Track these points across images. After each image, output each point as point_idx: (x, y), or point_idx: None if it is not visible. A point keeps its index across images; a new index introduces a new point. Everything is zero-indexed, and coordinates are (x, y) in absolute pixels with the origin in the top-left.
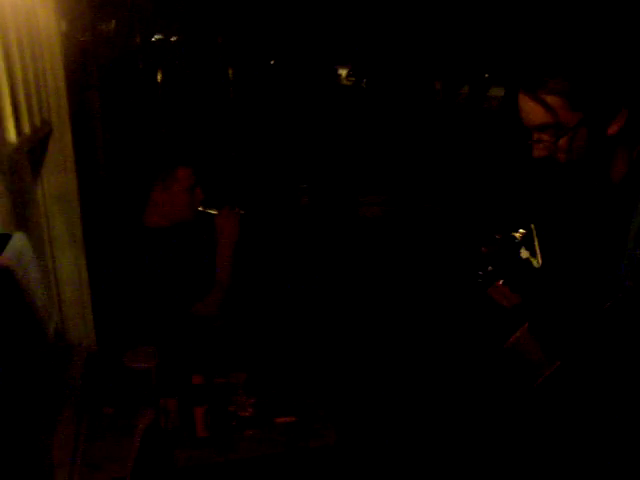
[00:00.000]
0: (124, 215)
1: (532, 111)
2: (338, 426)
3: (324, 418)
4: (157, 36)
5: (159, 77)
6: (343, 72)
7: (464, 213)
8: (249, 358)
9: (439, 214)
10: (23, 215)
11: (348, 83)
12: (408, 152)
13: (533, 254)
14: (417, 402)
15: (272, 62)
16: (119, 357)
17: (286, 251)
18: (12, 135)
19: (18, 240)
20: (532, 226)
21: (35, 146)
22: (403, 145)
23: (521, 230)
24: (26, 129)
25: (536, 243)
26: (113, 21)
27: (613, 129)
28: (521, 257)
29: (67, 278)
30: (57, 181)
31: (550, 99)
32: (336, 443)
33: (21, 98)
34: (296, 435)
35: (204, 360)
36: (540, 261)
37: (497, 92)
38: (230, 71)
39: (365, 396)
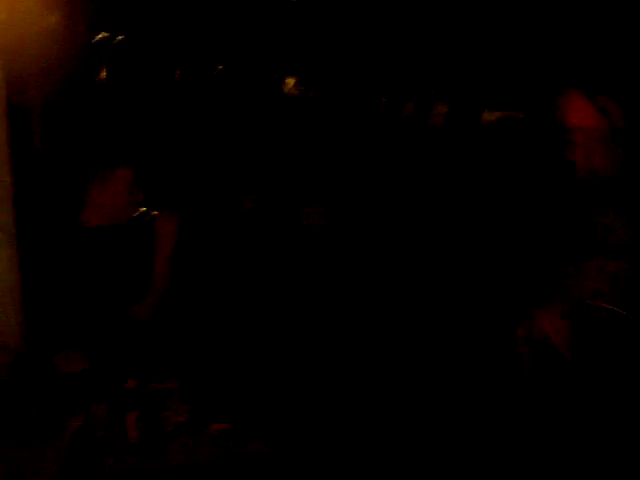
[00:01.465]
0: (61, 213)
1: (584, 111)
2: (272, 433)
3: (259, 425)
4: (102, 34)
5: (103, 75)
6: (291, 81)
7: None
8: (184, 363)
9: (382, 227)
10: None
11: (296, 92)
12: (353, 164)
13: None
14: (352, 410)
15: (220, 67)
16: (50, 359)
17: (227, 256)
18: None
19: None
20: None
21: None
22: (348, 156)
23: None
24: None
25: None
26: (55, 15)
27: None
28: None
29: None
30: None
31: (606, 102)
32: (270, 451)
33: None
34: (230, 442)
35: (138, 364)
36: None
37: (441, 109)
38: (177, 72)
39: (299, 404)
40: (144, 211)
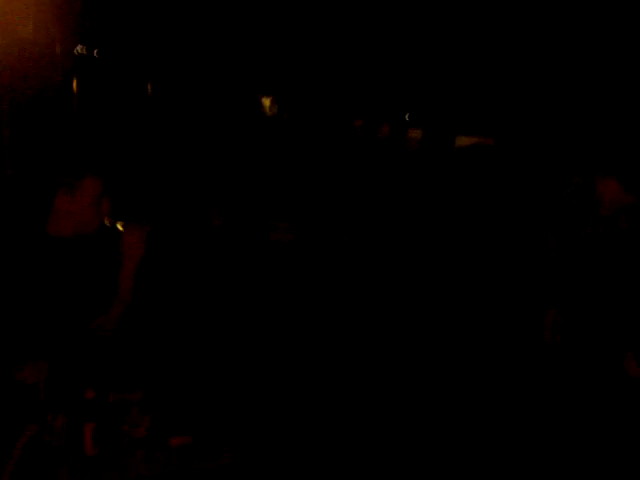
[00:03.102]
0: (27, 222)
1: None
2: (234, 447)
3: (220, 439)
4: (79, 46)
5: (75, 86)
6: (267, 101)
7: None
8: (146, 375)
9: (347, 244)
10: None
11: (271, 113)
12: (323, 183)
13: None
14: (314, 422)
15: (194, 82)
16: (8, 369)
17: (194, 269)
18: None
19: None
20: None
21: None
22: (319, 176)
23: None
24: None
25: None
26: (30, 25)
27: None
28: None
29: None
30: None
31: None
32: (232, 464)
33: None
34: (191, 456)
35: (99, 376)
36: None
37: (415, 133)
38: (149, 86)
39: (262, 416)
40: (111, 222)
